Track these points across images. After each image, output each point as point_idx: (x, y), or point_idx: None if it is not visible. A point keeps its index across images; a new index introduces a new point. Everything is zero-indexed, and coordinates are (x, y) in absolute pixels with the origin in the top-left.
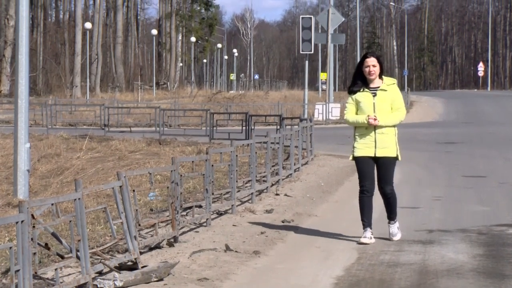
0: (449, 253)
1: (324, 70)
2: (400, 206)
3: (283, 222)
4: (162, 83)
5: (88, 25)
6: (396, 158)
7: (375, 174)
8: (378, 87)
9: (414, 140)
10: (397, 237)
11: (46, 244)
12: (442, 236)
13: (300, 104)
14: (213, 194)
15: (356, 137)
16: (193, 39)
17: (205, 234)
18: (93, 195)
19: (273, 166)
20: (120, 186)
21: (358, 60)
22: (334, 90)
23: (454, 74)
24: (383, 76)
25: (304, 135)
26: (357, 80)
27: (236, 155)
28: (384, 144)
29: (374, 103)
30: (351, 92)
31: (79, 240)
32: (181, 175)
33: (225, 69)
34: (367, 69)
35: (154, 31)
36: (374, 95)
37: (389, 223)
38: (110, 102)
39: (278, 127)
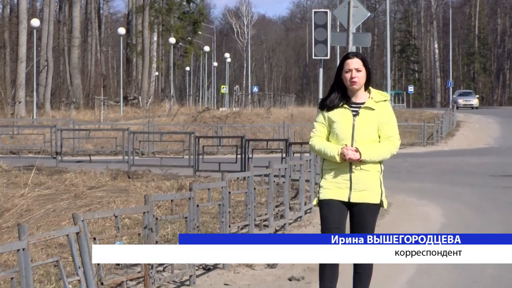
0: None
1: None
2: None
3: (290, 280)
4: (132, 98)
5: (35, 22)
6: (379, 206)
7: (346, 226)
8: (363, 103)
9: (460, 171)
10: None
11: None
12: None
13: (312, 125)
14: None
15: (324, 172)
16: (172, 40)
17: None
18: (41, 244)
19: (277, 206)
20: (77, 233)
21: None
22: None
23: None
24: (370, 88)
25: (317, 165)
26: (334, 91)
27: (229, 192)
28: (362, 185)
29: (353, 125)
30: (323, 107)
31: None
32: (156, 218)
33: (214, 79)
34: (347, 75)
35: (122, 30)
36: (356, 114)
37: None
38: (64, 123)
39: (284, 155)
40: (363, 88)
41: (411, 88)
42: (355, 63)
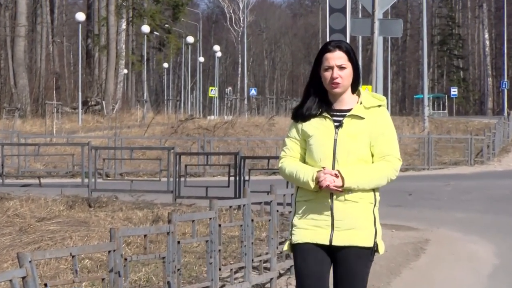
0: None
1: (366, 81)
2: None
3: None
4: (94, 103)
5: None
6: (372, 251)
7: (329, 279)
8: (349, 110)
9: None
10: None
11: None
12: None
13: None
14: None
15: (298, 206)
16: (146, 28)
17: None
18: None
19: (281, 243)
20: (23, 278)
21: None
22: None
23: None
24: (360, 90)
25: None
26: (310, 96)
27: (219, 225)
28: (349, 223)
29: (335, 139)
30: (297, 116)
31: None
32: (125, 259)
33: (200, 79)
34: (327, 74)
35: (81, 16)
36: (339, 125)
37: None
38: (6, 136)
39: None
40: (350, 90)
41: (454, 91)
42: (337, 58)
